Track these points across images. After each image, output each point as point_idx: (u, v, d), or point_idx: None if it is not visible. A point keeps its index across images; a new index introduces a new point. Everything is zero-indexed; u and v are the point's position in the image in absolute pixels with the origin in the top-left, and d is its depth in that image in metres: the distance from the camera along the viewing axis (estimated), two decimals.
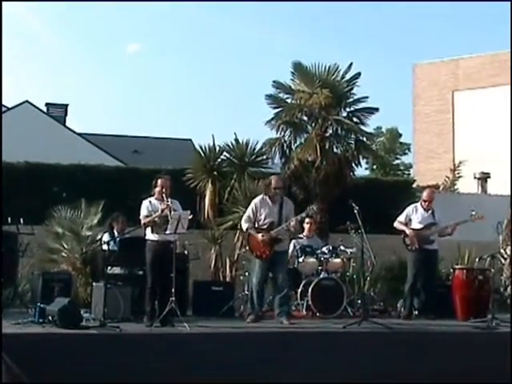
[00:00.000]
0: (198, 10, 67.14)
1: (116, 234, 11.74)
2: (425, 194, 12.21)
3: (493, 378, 8.78)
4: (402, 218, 12.05)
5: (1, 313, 9.03)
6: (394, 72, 66.07)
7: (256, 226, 10.77)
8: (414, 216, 11.98)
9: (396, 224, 12.04)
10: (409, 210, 12.11)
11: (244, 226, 10.93)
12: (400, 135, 43.52)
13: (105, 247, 10.99)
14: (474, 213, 11.63)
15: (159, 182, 10.26)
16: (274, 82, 15.61)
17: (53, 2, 51.39)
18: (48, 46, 66.51)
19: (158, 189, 10.21)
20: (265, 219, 10.72)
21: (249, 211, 10.90)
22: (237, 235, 13.89)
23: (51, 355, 7.85)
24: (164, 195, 10.05)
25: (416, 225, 11.89)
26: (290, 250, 11.90)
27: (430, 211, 11.96)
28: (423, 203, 12.02)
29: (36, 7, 60.36)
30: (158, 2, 57.60)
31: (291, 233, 10.96)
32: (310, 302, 11.54)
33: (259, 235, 10.59)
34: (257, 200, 10.95)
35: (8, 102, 28.52)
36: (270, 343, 9.02)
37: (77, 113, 57.38)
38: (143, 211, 10.18)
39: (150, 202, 10.24)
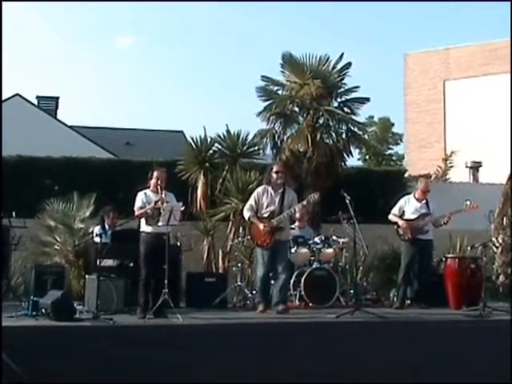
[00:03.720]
0: (188, 2, 66.95)
1: (107, 227, 11.77)
2: (422, 185, 12.15)
3: (487, 366, 8.82)
4: (395, 210, 12.05)
5: (1, 312, 8.92)
6: (386, 61, 66.13)
7: (258, 215, 10.86)
8: (407, 207, 11.98)
9: (390, 217, 12.03)
10: (401, 202, 12.11)
11: (246, 214, 11.01)
12: (392, 124, 43.54)
13: (97, 240, 10.98)
14: (468, 202, 11.64)
15: (155, 174, 10.27)
16: (263, 76, 15.57)
17: None
18: (39, 38, 66.32)
19: (153, 181, 10.23)
20: (266, 208, 10.81)
21: (251, 200, 10.99)
22: (229, 226, 13.91)
23: (45, 348, 7.86)
24: (159, 187, 10.06)
25: (410, 215, 11.89)
26: None
27: (423, 201, 11.96)
28: (420, 193, 11.99)
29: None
30: None
31: (293, 221, 10.95)
32: (302, 293, 11.58)
33: (261, 225, 10.68)
34: (259, 189, 11.06)
35: None
36: (264, 334, 9.04)
37: (68, 105, 57.31)
38: (138, 203, 10.21)
39: (145, 193, 10.27)
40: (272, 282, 11.10)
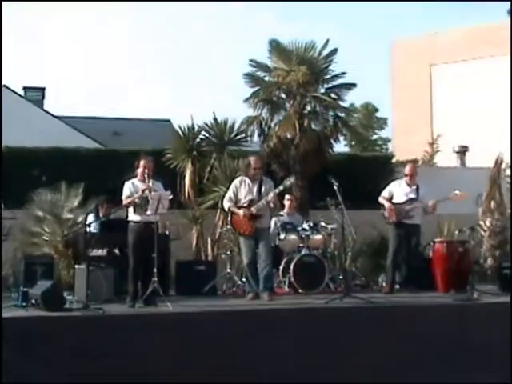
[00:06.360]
0: None
1: (101, 216, 11.81)
2: (407, 168, 12.18)
3: (476, 347, 8.90)
4: (385, 193, 12.04)
5: (1, 310, 8.86)
6: (371, 47, 66.10)
7: (237, 205, 10.92)
8: (396, 191, 11.97)
9: (380, 199, 12.01)
10: (392, 185, 12.10)
11: (226, 205, 11.08)
12: (376, 110, 43.52)
13: (87, 229, 10.96)
14: (457, 192, 11.63)
15: (141, 162, 10.24)
16: (251, 60, 15.58)
17: None
18: (25, 28, 65.91)
19: (140, 169, 10.20)
20: (245, 197, 10.87)
21: (230, 192, 11.08)
22: (218, 214, 13.92)
23: (35, 338, 7.87)
24: (146, 176, 10.05)
25: (398, 199, 11.88)
26: (272, 228, 11.92)
27: (413, 187, 11.95)
28: (406, 178, 12.01)
29: None
30: None
31: (272, 209, 10.99)
32: (292, 279, 11.60)
33: (240, 211, 10.75)
34: (236, 181, 11.14)
35: None
36: (254, 321, 9.06)
37: (54, 96, 57.04)
38: (125, 192, 10.17)
39: (132, 183, 10.23)
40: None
